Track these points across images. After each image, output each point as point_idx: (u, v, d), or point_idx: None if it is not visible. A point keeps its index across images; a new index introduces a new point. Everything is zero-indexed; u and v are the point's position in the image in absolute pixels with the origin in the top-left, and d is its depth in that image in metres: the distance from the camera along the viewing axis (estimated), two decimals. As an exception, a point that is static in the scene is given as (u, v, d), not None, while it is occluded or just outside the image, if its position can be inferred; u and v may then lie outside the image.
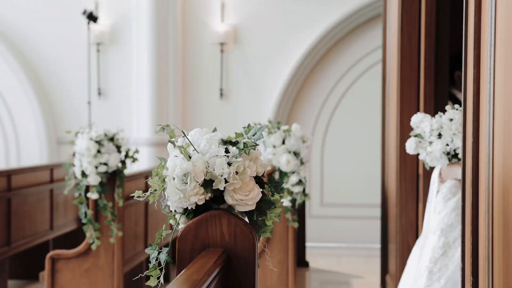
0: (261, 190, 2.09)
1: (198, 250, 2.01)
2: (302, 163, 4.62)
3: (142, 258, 5.56)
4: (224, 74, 8.09)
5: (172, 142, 2.01)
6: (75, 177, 4.71)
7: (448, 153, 3.23)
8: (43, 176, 6.32)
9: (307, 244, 7.43)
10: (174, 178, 1.99)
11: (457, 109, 3.29)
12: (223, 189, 2.00)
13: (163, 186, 2.02)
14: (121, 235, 4.74)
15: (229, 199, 2.02)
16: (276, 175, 4.68)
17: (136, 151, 4.75)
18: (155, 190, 2.04)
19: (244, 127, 2.09)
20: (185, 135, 2.02)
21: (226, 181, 2.00)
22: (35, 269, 6.32)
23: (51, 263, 4.74)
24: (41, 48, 8.31)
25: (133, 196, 2.06)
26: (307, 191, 7.85)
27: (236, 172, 2.00)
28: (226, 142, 2.07)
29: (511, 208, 1.92)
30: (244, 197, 2.01)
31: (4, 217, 5.55)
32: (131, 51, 8.09)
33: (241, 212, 2.09)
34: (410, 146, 3.33)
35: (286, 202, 4.63)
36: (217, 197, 2.05)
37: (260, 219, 2.12)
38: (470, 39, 2.23)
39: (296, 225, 4.80)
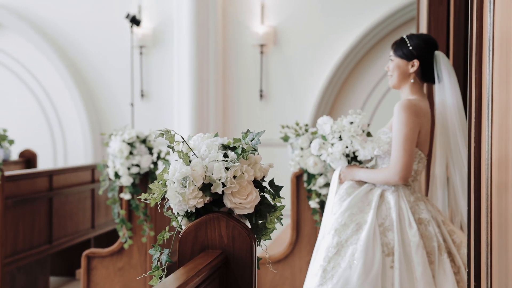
0: (261, 194, 2.14)
1: (197, 252, 2.08)
2: (329, 165, 4.64)
3: (175, 258, 5.65)
4: (264, 75, 8.15)
5: (172, 147, 2.08)
6: (109, 178, 4.84)
7: (347, 155, 3.29)
8: (84, 176, 6.49)
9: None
10: (174, 182, 2.06)
11: (359, 114, 3.35)
12: (221, 192, 2.06)
13: (164, 189, 2.09)
14: (153, 235, 4.85)
15: (227, 203, 2.08)
16: (304, 177, 4.72)
17: (168, 153, 4.85)
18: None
19: (242, 132, 2.15)
20: (184, 141, 2.09)
21: (224, 185, 2.06)
22: (76, 266, 6.50)
23: (87, 261, 4.89)
24: (86, 51, 8.53)
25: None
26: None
27: (234, 177, 2.06)
28: (226, 147, 2.13)
29: (503, 212, 1.92)
30: (242, 201, 2.07)
31: (45, 216, 5.73)
32: (173, 53, 8.22)
33: (242, 215, 2.14)
34: (314, 147, 3.39)
35: (314, 204, 4.66)
36: (218, 200, 2.11)
37: (260, 222, 2.17)
38: (473, 44, 2.24)
39: (325, 226, 4.81)
